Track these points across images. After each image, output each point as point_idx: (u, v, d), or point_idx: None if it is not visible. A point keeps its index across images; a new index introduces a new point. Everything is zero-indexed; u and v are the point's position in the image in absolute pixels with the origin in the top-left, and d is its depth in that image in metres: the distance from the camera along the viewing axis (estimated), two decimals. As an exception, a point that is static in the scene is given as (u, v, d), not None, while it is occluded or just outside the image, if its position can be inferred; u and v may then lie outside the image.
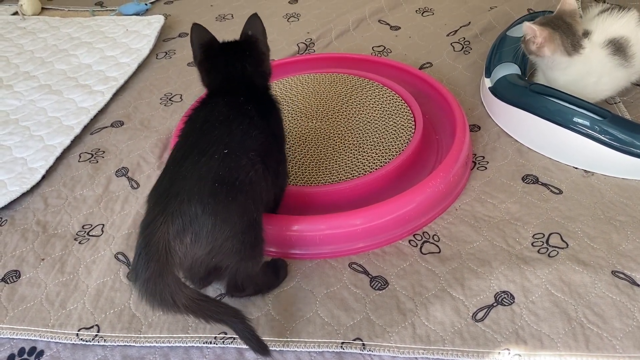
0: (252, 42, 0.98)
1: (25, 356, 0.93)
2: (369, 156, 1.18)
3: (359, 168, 1.15)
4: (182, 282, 0.79)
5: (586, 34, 1.22)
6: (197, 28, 0.95)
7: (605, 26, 1.23)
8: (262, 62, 0.99)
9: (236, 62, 0.95)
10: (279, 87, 1.39)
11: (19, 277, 1.06)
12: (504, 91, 1.29)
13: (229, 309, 0.81)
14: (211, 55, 0.96)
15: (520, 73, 1.31)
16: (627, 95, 1.35)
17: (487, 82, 1.36)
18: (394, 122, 1.25)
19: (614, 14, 1.24)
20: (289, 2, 1.97)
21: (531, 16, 1.42)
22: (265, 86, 1.01)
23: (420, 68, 1.54)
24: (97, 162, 1.32)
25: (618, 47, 1.20)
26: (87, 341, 0.93)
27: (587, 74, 1.22)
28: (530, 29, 1.18)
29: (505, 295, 0.94)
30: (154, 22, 1.82)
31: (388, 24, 1.78)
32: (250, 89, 0.95)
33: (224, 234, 0.80)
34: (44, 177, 1.27)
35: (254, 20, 0.97)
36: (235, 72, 0.96)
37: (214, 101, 0.92)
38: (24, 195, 1.23)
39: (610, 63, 1.20)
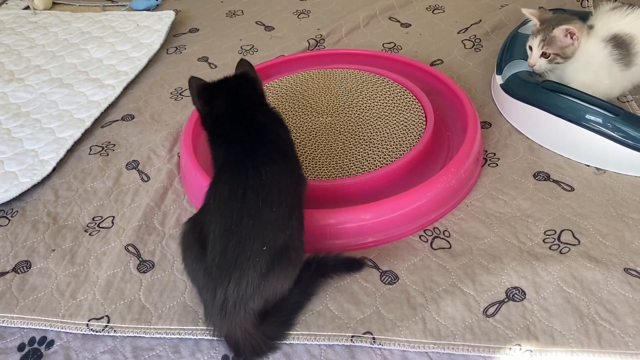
0: (242, 72, 1.02)
1: (36, 345, 0.93)
2: (379, 151, 1.18)
3: (369, 163, 1.15)
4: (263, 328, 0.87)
5: (590, 27, 1.22)
6: (194, 79, 1.00)
7: (611, 21, 1.22)
8: (254, 85, 1.02)
9: (231, 84, 1.01)
10: (289, 82, 1.39)
11: (30, 268, 1.06)
12: (516, 88, 1.28)
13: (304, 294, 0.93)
14: (207, 88, 1.00)
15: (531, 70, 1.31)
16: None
17: (499, 79, 1.35)
18: (405, 118, 1.25)
19: (621, 11, 1.23)
20: (299, -2, 1.98)
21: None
22: (264, 104, 1.03)
23: (431, 65, 1.53)
24: (108, 155, 1.32)
25: (620, 43, 1.19)
26: (97, 331, 0.94)
27: (585, 64, 1.21)
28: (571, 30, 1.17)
29: (517, 291, 0.93)
30: (165, 18, 1.83)
31: (398, 21, 1.78)
32: (251, 107, 0.99)
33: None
34: (54, 169, 1.28)
35: (243, 63, 1.04)
36: (233, 92, 1.00)
37: (228, 185, 0.89)
38: (35, 186, 1.23)
39: (610, 57, 1.19)
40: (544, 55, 1.21)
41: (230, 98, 0.98)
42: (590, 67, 1.21)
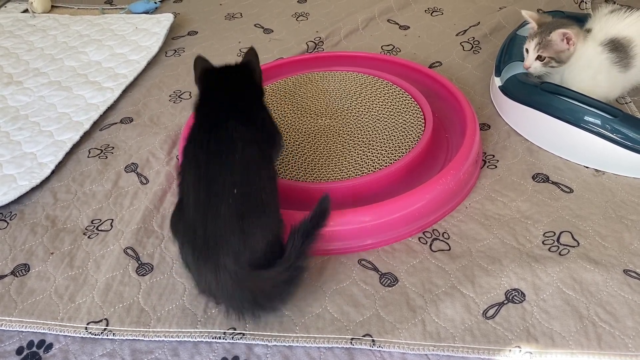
0: (244, 62, 1.05)
1: (34, 349, 0.93)
2: (378, 153, 1.18)
3: (368, 165, 1.15)
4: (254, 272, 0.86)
5: (588, 30, 1.22)
6: (200, 60, 1.03)
7: (608, 25, 1.22)
8: (251, 75, 1.04)
9: (228, 71, 1.04)
10: (288, 85, 1.39)
11: (28, 271, 1.06)
12: (514, 90, 1.28)
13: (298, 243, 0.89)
14: (208, 76, 1.03)
15: (530, 72, 1.31)
16: (638, 95, 1.34)
17: (497, 81, 1.35)
18: (404, 120, 1.25)
19: (620, 14, 1.24)
20: (298, 1, 1.98)
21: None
22: (255, 93, 1.05)
23: (430, 67, 1.53)
24: (107, 157, 1.32)
25: (617, 46, 1.19)
26: (95, 335, 0.93)
27: (583, 68, 1.21)
28: (568, 35, 1.17)
29: (516, 293, 0.93)
30: (164, 20, 1.83)
31: (397, 23, 1.78)
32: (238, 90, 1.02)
33: (261, 252, 0.87)
34: (53, 172, 1.27)
35: (250, 51, 1.06)
36: (226, 78, 1.03)
37: (203, 137, 0.93)
38: (34, 189, 1.23)
39: (608, 61, 1.19)
40: (539, 58, 1.21)
41: (223, 87, 1.02)
42: (588, 71, 1.21)
